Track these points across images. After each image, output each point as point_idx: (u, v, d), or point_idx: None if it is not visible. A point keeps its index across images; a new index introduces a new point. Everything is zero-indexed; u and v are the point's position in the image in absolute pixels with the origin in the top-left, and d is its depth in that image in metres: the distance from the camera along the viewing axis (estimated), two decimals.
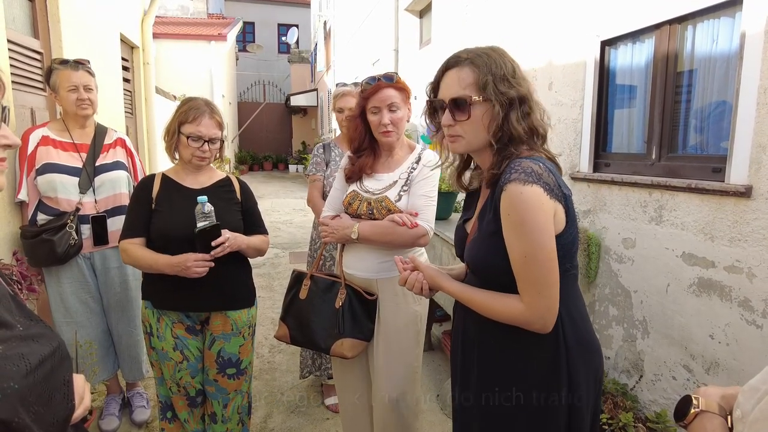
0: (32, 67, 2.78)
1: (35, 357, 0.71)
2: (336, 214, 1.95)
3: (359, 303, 1.86)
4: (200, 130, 1.80)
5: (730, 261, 2.08)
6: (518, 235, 1.06)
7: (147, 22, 5.26)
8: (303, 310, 1.90)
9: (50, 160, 2.26)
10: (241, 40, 21.17)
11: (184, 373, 1.91)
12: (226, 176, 2.01)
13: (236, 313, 1.93)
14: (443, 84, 1.23)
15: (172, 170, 1.95)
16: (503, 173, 1.11)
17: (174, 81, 10.68)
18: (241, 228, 1.92)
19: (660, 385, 2.47)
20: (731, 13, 2.18)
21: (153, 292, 1.89)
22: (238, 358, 1.96)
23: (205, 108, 1.84)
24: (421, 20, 7.08)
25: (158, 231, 1.83)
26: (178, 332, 1.89)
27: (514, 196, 1.05)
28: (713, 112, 2.33)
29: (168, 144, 1.88)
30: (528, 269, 1.06)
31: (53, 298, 2.35)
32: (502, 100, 1.14)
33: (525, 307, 1.09)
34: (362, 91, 1.83)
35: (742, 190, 2.00)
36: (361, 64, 10.66)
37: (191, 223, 1.75)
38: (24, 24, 2.82)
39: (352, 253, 1.91)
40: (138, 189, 1.92)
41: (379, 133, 1.82)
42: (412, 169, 1.87)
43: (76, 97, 2.26)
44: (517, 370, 1.18)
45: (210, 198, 1.83)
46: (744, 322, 2.03)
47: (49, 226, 2.21)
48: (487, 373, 1.24)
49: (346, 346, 1.82)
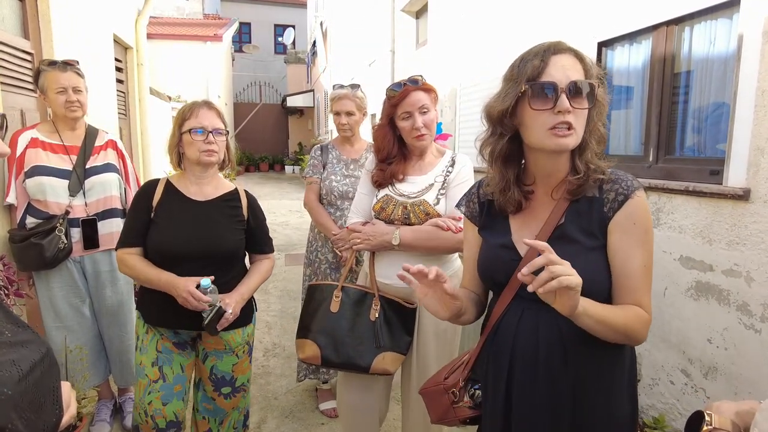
0: (22, 68, 2.74)
1: (26, 363, 0.71)
2: (365, 220, 1.87)
3: (394, 314, 1.77)
4: (201, 121, 1.72)
5: (728, 265, 2.06)
6: (643, 244, 1.04)
7: (141, 23, 5.21)
8: (336, 325, 1.76)
9: (39, 162, 2.22)
10: (238, 40, 21.11)
11: (154, 396, 1.72)
12: (235, 188, 1.88)
13: (230, 333, 1.80)
14: (554, 66, 1.00)
15: (176, 177, 1.83)
16: (611, 183, 1.06)
17: (170, 82, 10.62)
18: (242, 247, 1.83)
19: (657, 389, 2.44)
20: (728, 14, 2.17)
21: (144, 305, 1.81)
22: (232, 376, 1.85)
23: (201, 102, 1.78)
24: (418, 21, 7.06)
25: (153, 245, 1.72)
26: (164, 345, 1.78)
27: (641, 206, 1.04)
28: (711, 114, 2.31)
29: (172, 153, 1.79)
30: (647, 278, 1.05)
31: (43, 303, 2.31)
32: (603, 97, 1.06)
33: (648, 316, 1.05)
34: (389, 98, 1.77)
35: (740, 193, 1.98)
36: (358, 64, 10.63)
37: (189, 240, 1.69)
38: (14, 24, 2.77)
39: (387, 261, 1.80)
40: (138, 194, 1.82)
41: (413, 137, 1.76)
42: (448, 172, 1.80)
43: (64, 99, 2.21)
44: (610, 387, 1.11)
45: (213, 213, 1.74)
46: (742, 326, 2.01)
47: (37, 229, 2.16)
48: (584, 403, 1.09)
49: (389, 360, 1.73)
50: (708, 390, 2.17)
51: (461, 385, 1.26)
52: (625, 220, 1.03)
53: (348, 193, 2.53)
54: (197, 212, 1.76)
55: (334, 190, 2.56)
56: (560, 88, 0.98)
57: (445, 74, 5.45)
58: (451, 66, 5.32)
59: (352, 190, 2.51)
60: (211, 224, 1.76)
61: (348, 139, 2.66)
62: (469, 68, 4.93)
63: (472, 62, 4.88)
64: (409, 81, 1.76)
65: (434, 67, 5.76)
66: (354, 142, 2.67)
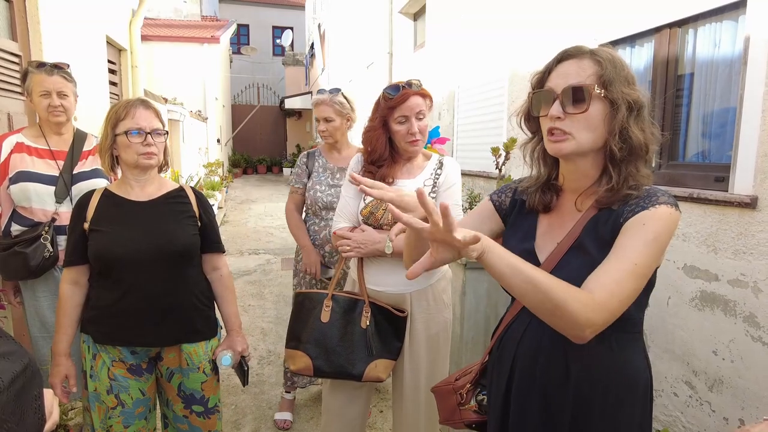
0: (9, 70, 2.68)
1: (8, 375, 0.72)
2: (353, 225, 1.82)
3: (385, 320, 1.74)
4: (138, 122, 1.59)
5: (734, 274, 2.00)
6: (644, 245, 0.93)
7: (135, 24, 5.15)
8: (328, 335, 1.73)
9: (24, 168, 2.15)
10: (236, 42, 21.07)
11: (115, 421, 1.64)
12: (179, 186, 1.78)
13: (192, 346, 1.71)
14: (556, 73, 1.03)
15: (115, 185, 1.72)
16: (637, 200, 0.99)
17: (167, 84, 10.56)
18: (197, 244, 1.72)
19: (661, 401, 2.38)
20: (734, 16, 2.11)
21: (93, 324, 1.66)
22: (202, 395, 1.75)
23: (137, 101, 1.66)
24: (416, 23, 7.01)
25: (96, 253, 1.60)
26: (117, 372, 1.65)
27: (663, 214, 0.96)
28: (716, 118, 2.25)
29: (105, 157, 1.64)
30: (629, 277, 0.91)
31: (29, 312, 2.24)
32: (629, 101, 0.99)
33: (596, 303, 0.88)
34: (387, 100, 1.73)
35: (747, 200, 1.92)
36: (356, 66, 10.59)
37: (136, 242, 1.59)
38: (1, 26, 2.71)
39: (376, 267, 1.78)
40: (73, 209, 1.71)
41: (407, 142, 1.73)
42: (436, 175, 1.79)
43: (47, 103, 2.14)
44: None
45: (160, 211, 1.66)
46: (749, 338, 1.95)
47: (22, 237, 2.09)
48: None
49: (381, 368, 1.71)
50: (713, 403, 2.10)
51: (468, 388, 1.28)
52: (635, 221, 0.96)
53: (333, 204, 2.44)
54: (142, 213, 1.65)
55: (318, 201, 2.48)
56: (555, 94, 1.01)
57: (443, 77, 5.39)
58: (449, 69, 5.26)
59: (336, 200, 2.42)
60: (159, 223, 1.65)
61: (334, 146, 2.56)
62: (468, 71, 4.88)
63: (470, 65, 4.83)
64: (407, 84, 1.72)
65: (432, 69, 5.71)
66: (341, 148, 2.57)
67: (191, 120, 10.25)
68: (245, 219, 8.92)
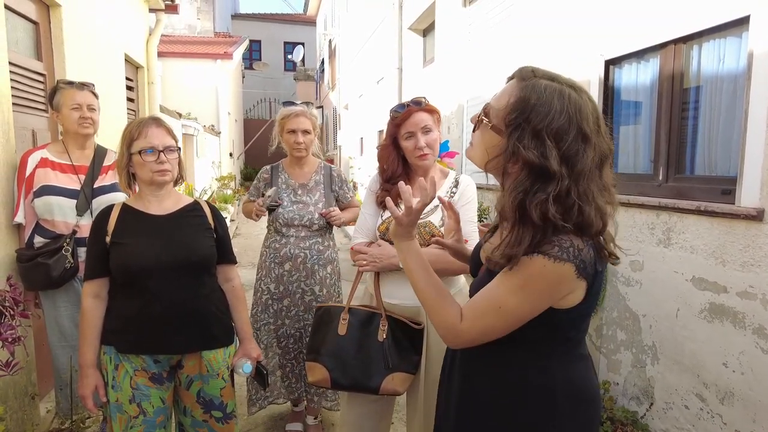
0: (34, 88, 2.78)
1: None
2: (370, 240, 1.87)
3: (403, 334, 1.76)
4: (151, 141, 1.67)
5: (743, 286, 2.01)
6: (509, 292, 0.97)
7: (152, 42, 5.30)
8: (344, 348, 1.75)
9: (48, 182, 2.24)
10: (248, 57, 21.42)
11: (137, 430, 1.69)
12: (195, 200, 1.86)
13: (211, 353, 1.76)
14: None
15: (133, 199, 1.79)
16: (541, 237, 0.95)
17: (180, 99, 10.78)
18: (214, 255, 1.79)
19: (672, 413, 2.37)
20: (738, 32, 2.15)
21: (117, 334, 1.69)
22: (221, 401, 1.79)
23: (149, 120, 1.73)
24: (425, 39, 7.12)
25: (120, 265, 1.65)
26: (139, 381, 1.68)
27: (534, 266, 0.94)
28: (722, 132, 2.28)
29: (122, 175, 1.73)
30: (492, 316, 1.00)
31: (49, 322, 2.31)
32: (523, 157, 0.93)
33: (457, 330, 1.03)
34: (393, 118, 1.79)
35: (753, 213, 1.94)
36: (366, 82, 10.72)
37: (158, 252, 1.65)
38: (27, 46, 2.83)
39: (392, 281, 1.80)
40: (92, 225, 1.77)
41: (416, 157, 1.77)
42: (452, 193, 1.83)
43: (78, 115, 2.26)
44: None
45: (178, 224, 1.72)
46: (759, 350, 1.95)
47: (44, 249, 2.17)
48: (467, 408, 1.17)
49: (398, 381, 1.71)
50: (725, 416, 2.10)
51: None
52: (513, 266, 0.98)
53: (293, 220, 2.44)
54: (162, 225, 1.71)
55: (279, 217, 2.46)
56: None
57: (452, 91, 5.46)
58: (458, 83, 5.33)
59: (297, 217, 2.44)
60: (179, 234, 1.72)
61: (299, 161, 2.54)
62: (476, 85, 4.94)
63: (479, 80, 4.90)
64: (412, 102, 1.78)
65: (441, 84, 5.79)
66: (304, 164, 2.56)
67: (204, 134, 10.43)
68: (256, 232, 9.00)
